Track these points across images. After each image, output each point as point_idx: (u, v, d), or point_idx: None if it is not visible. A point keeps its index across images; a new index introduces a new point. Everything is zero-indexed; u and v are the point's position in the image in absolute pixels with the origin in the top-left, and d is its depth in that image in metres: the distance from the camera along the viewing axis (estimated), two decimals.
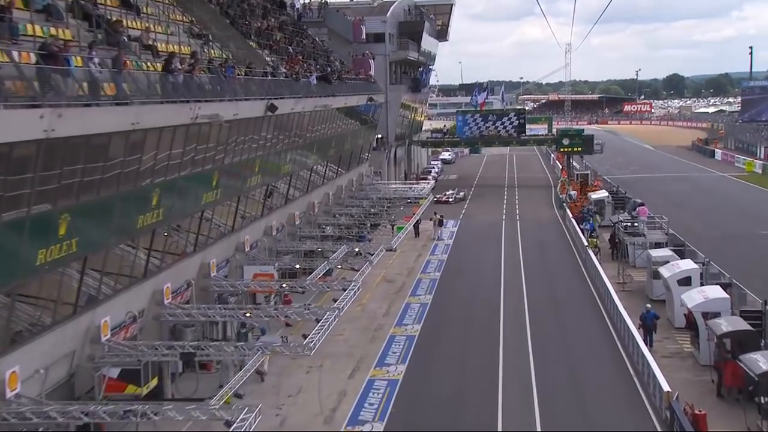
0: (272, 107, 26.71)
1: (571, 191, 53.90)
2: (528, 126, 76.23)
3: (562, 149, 69.17)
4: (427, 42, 74.79)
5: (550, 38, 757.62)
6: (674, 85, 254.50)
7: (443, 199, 56.31)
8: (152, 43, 22.95)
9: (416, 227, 44.30)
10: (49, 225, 15.05)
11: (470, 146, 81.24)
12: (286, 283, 25.81)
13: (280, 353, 19.35)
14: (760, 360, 19.15)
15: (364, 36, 60.55)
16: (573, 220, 44.72)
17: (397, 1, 67.24)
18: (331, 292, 25.92)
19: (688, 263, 28.48)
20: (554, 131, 78.11)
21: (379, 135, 60.12)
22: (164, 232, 21.65)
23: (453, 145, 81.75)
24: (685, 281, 26.87)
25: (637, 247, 34.88)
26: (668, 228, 36.16)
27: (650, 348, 23.69)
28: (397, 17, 67.27)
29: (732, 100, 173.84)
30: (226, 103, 23.43)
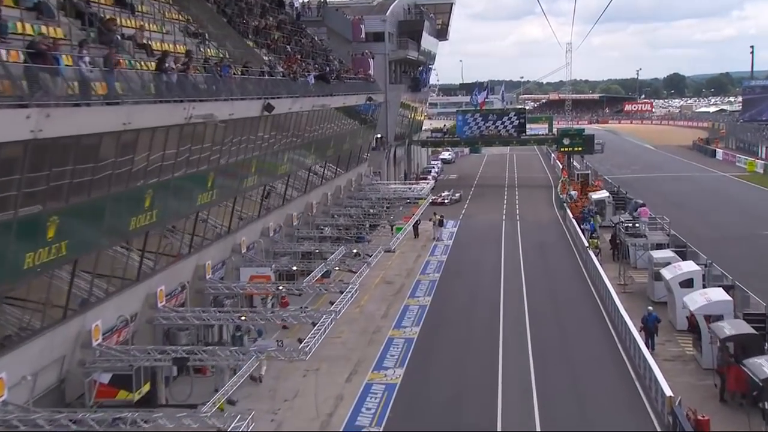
0: (269, 107, 26.42)
1: (572, 191, 53.61)
2: (528, 125, 75.93)
3: (562, 149, 69.02)
4: (427, 41, 74.56)
5: (551, 38, 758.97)
6: (675, 85, 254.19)
7: (438, 201, 54.78)
8: (147, 42, 22.65)
9: (416, 228, 43.97)
10: (37, 228, 14.71)
11: (470, 146, 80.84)
12: (282, 286, 25.52)
13: (275, 358, 19.02)
14: (765, 365, 18.85)
15: (363, 35, 60.28)
16: (573, 221, 44.38)
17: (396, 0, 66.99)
18: (329, 294, 25.61)
19: (690, 265, 28.17)
20: (555, 131, 77.96)
21: (379, 135, 59.86)
22: (159, 233, 21.32)
23: (453, 144, 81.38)
24: (687, 283, 26.56)
25: (639, 248, 34.58)
26: (670, 229, 35.84)
27: (652, 351, 23.38)
28: (396, 16, 67.02)
29: (733, 99, 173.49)
30: (221, 103, 23.10)
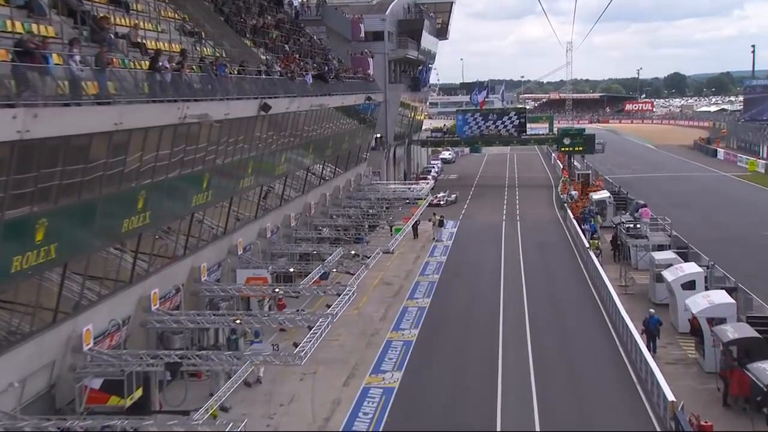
0: (265, 107, 26.09)
1: (572, 191, 53.32)
2: (529, 125, 75.73)
3: (563, 149, 68.81)
4: (427, 40, 74.29)
5: (551, 37, 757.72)
6: (676, 84, 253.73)
7: (434, 202, 53.13)
8: (141, 40, 22.31)
9: (415, 228, 43.64)
10: (25, 230, 14.34)
11: (470, 146, 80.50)
12: (279, 288, 25.19)
13: (269, 363, 18.69)
14: None
15: (362, 34, 60.04)
16: (574, 221, 44.06)
17: None
18: (326, 296, 25.27)
19: (692, 266, 27.84)
20: (555, 130, 77.70)
21: (378, 134, 59.56)
22: (153, 235, 20.98)
23: (453, 144, 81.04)
24: (689, 285, 26.23)
25: (640, 249, 34.31)
26: (671, 230, 35.52)
27: (653, 354, 23.07)
28: (396, 15, 66.76)
29: (734, 98, 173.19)
30: (216, 103, 22.76)
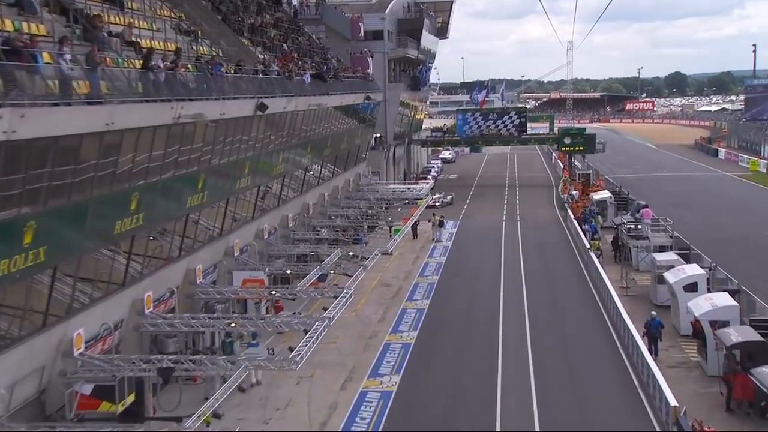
0: (262, 106, 25.76)
1: (573, 191, 52.96)
2: (529, 125, 75.36)
3: (563, 148, 68.48)
4: (427, 39, 73.93)
5: (552, 36, 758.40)
6: (676, 84, 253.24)
7: (430, 203, 51.09)
8: (136, 39, 21.97)
9: (414, 228, 43.29)
10: (13, 233, 14.02)
11: (471, 145, 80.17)
12: (276, 290, 24.85)
13: (264, 368, 18.35)
14: None
15: (362, 33, 59.75)
16: (575, 221, 43.70)
17: None
18: (324, 299, 24.93)
19: (694, 268, 27.47)
20: (556, 130, 77.37)
21: (378, 134, 59.21)
22: (146, 236, 20.64)
23: (453, 144, 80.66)
24: (692, 287, 25.88)
25: (641, 250, 33.94)
26: (673, 231, 35.16)
27: (655, 357, 22.72)
28: (396, 14, 66.41)
29: (734, 98, 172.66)
30: (212, 102, 22.44)
